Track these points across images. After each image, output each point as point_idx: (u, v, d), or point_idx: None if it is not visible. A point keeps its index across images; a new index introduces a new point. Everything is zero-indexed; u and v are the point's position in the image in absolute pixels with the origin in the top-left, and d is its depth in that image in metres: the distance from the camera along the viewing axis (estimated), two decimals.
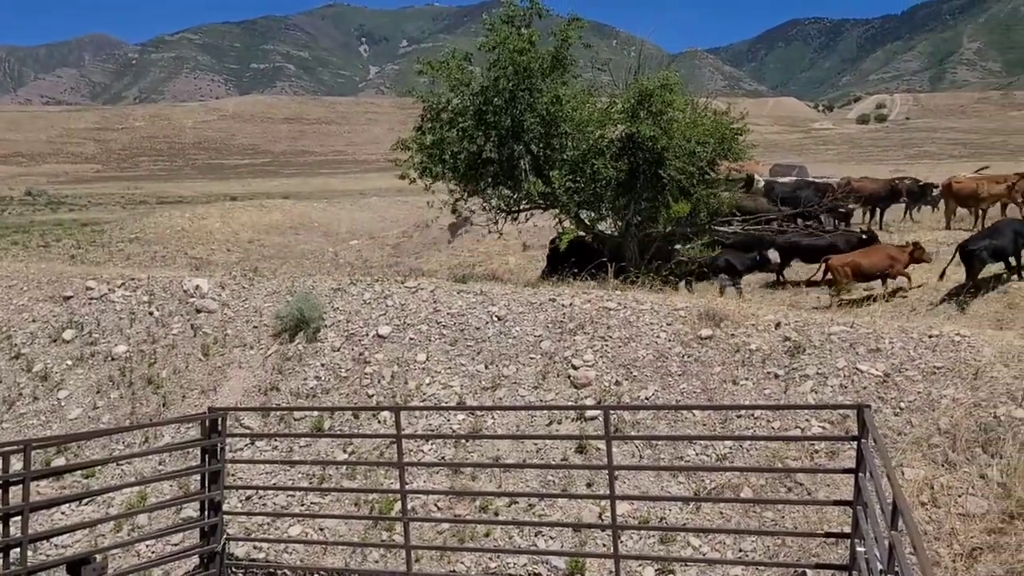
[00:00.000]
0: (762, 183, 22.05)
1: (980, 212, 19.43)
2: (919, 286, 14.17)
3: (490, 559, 7.67)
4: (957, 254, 13.99)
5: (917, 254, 14.46)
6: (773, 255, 15.59)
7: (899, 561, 4.58)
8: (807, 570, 6.94)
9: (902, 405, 8.05)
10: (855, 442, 6.26)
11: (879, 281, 14.44)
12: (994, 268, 13.86)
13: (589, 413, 8.63)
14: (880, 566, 5.07)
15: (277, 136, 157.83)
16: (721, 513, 7.66)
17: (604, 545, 7.50)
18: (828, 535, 6.88)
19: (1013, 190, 18.75)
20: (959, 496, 7.12)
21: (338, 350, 10.31)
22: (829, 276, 14.61)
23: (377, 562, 7.88)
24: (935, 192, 22.22)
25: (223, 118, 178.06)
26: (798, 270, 16.05)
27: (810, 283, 15.15)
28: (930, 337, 8.82)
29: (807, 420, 8.17)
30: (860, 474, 6.13)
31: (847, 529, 6.51)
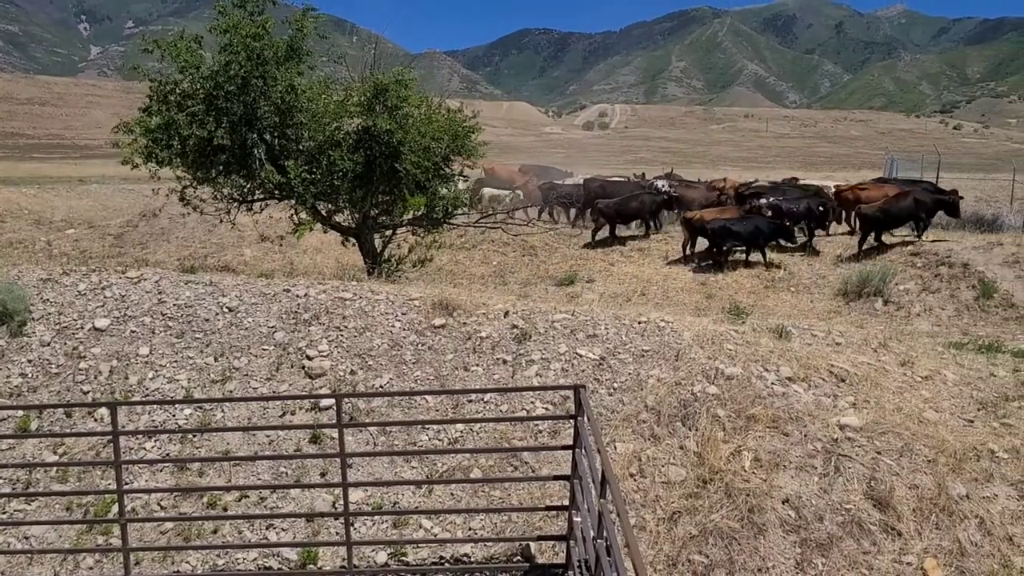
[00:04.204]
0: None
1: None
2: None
3: (218, 556, 7.38)
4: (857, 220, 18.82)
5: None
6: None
7: (607, 527, 4.90)
8: (531, 543, 7.24)
9: (615, 385, 8.69)
10: (573, 420, 6.60)
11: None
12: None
13: (323, 403, 8.56)
14: (592, 533, 5.40)
15: None
16: (452, 494, 7.84)
17: (337, 533, 7.48)
18: (549, 508, 7.20)
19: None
20: (662, 466, 7.78)
21: (48, 344, 9.44)
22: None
23: (92, 568, 7.31)
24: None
25: None
26: None
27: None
28: (640, 323, 9.64)
29: (532, 402, 8.58)
30: (577, 450, 6.47)
31: (566, 502, 6.87)
